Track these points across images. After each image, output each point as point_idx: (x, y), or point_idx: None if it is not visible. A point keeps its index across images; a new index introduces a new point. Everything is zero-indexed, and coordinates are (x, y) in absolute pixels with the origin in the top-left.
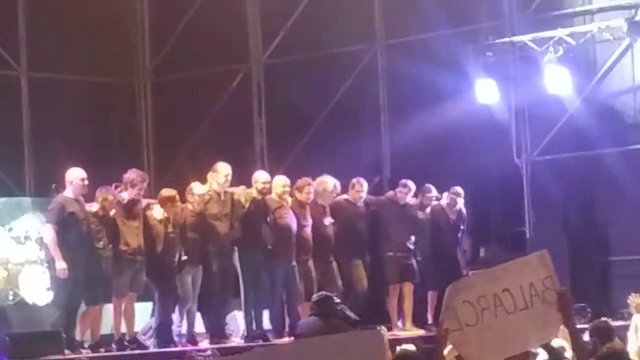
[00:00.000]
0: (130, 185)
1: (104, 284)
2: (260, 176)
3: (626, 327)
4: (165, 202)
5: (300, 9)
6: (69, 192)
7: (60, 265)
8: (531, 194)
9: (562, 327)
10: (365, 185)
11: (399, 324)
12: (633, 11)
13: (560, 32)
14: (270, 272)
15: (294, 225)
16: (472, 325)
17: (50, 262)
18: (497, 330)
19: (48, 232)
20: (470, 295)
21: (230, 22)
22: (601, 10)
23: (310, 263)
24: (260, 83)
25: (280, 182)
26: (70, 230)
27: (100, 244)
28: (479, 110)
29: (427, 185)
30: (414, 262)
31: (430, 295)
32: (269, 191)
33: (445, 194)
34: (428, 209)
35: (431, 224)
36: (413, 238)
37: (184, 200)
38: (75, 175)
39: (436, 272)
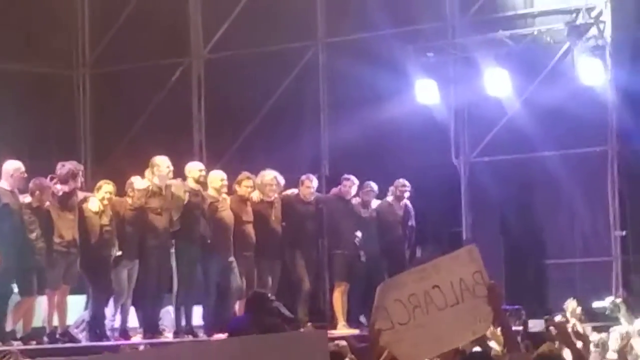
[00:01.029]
0: (66, 178)
1: (38, 275)
2: (194, 166)
3: None
4: (100, 193)
5: (242, 4)
6: (4, 184)
7: None
8: (469, 196)
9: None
10: (315, 182)
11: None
12: (573, 15)
13: (501, 35)
14: (205, 267)
15: (231, 220)
16: (404, 324)
17: None
18: (430, 327)
19: None
20: (401, 294)
21: (172, 16)
22: (542, 13)
23: (253, 259)
24: (200, 77)
25: (217, 176)
26: (4, 221)
27: (34, 235)
28: (418, 110)
29: (366, 182)
30: (358, 260)
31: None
32: (205, 181)
33: (391, 189)
34: (373, 206)
35: (378, 222)
36: (359, 235)
37: (122, 193)
38: (15, 168)
39: (384, 270)
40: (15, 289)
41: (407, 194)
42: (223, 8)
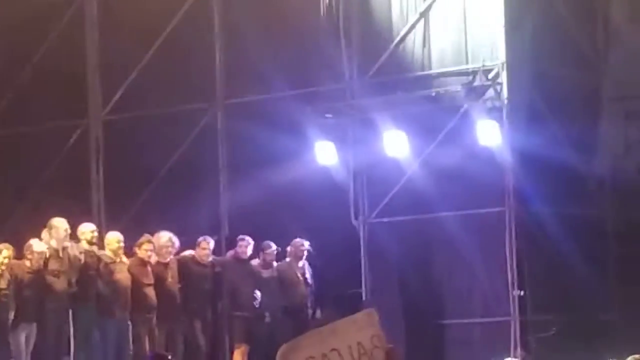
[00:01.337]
0: None
1: None
2: (85, 227)
3: None
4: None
5: (141, 65)
6: None
7: None
8: (368, 256)
9: None
10: (211, 244)
11: None
12: (471, 77)
13: (399, 96)
14: (102, 329)
15: (128, 282)
16: None
17: None
18: None
19: None
20: (298, 357)
21: (69, 78)
22: (440, 75)
23: (154, 321)
24: (98, 139)
25: (114, 237)
26: None
27: None
28: (318, 171)
29: (265, 241)
30: (260, 322)
31: None
32: (97, 241)
33: (289, 249)
34: (273, 265)
35: (279, 282)
36: (259, 296)
37: (21, 256)
38: None
39: (287, 331)
40: None
41: (305, 253)
42: (121, 69)
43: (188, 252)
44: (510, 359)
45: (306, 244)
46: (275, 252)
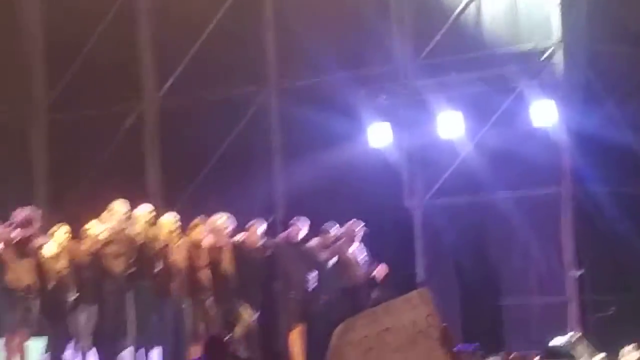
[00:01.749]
0: (23, 224)
1: None
2: (143, 209)
3: None
4: (55, 237)
5: (195, 49)
6: None
7: None
8: (423, 237)
9: None
10: (262, 227)
11: None
12: (526, 57)
13: (453, 77)
14: (160, 310)
15: (184, 263)
16: None
17: None
18: None
19: None
20: (354, 336)
21: (125, 62)
22: (495, 55)
23: (208, 303)
24: (154, 122)
25: (170, 219)
26: None
27: None
28: (372, 153)
29: (327, 223)
30: (315, 302)
31: None
32: (155, 223)
33: (343, 231)
34: (330, 247)
35: (334, 263)
36: (313, 277)
37: (79, 238)
38: None
39: (342, 312)
40: None
41: (359, 236)
42: (176, 53)
43: (240, 236)
44: (570, 335)
45: (360, 226)
46: (334, 234)
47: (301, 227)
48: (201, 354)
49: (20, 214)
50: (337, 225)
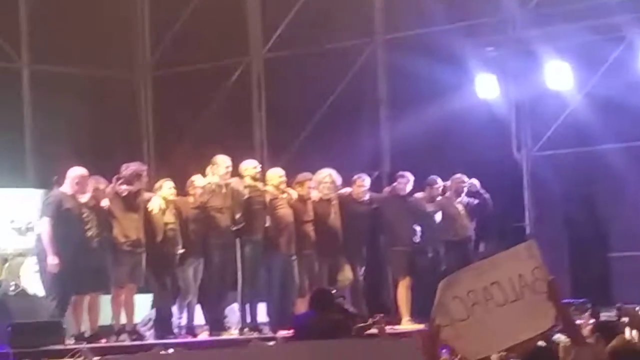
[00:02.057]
0: (131, 178)
1: (93, 274)
2: (248, 164)
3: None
4: (162, 192)
5: (301, 2)
6: (66, 188)
7: (52, 260)
8: (531, 190)
9: None
10: (367, 181)
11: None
12: (635, 5)
13: (561, 28)
14: (268, 264)
15: (291, 217)
16: (463, 320)
17: (41, 254)
18: (489, 324)
19: (43, 225)
20: (459, 290)
21: (231, 16)
22: (603, 5)
23: (314, 257)
24: (260, 76)
25: (276, 173)
26: (65, 224)
27: (90, 234)
28: (479, 105)
29: (432, 177)
30: (421, 255)
31: None
32: (260, 177)
33: (449, 184)
34: (436, 200)
35: (441, 216)
36: (419, 231)
37: (184, 193)
38: (80, 175)
39: (448, 265)
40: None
41: (465, 189)
42: (281, 6)
43: (345, 190)
44: None
45: (468, 179)
46: (440, 187)
47: (407, 181)
48: (308, 308)
49: (128, 169)
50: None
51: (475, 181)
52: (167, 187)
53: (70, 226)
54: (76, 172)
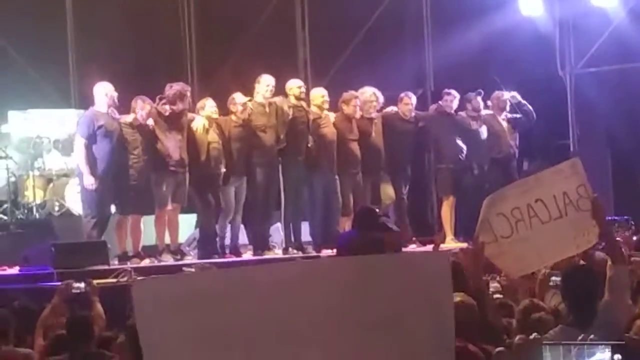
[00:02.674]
0: (174, 99)
1: (137, 195)
2: (293, 83)
3: None
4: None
5: None
6: (99, 106)
7: (88, 180)
8: (575, 107)
9: None
10: (413, 99)
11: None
12: None
13: None
14: (311, 183)
15: (334, 137)
16: (506, 237)
17: (80, 175)
18: (532, 241)
19: (77, 145)
20: (503, 208)
21: None
22: None
23: (359, 177)
24: None
25: (318, 92)
26: (101, 142)
27: (135, 154)
28: (522, 22)
29: (469, 94)
30: (467, 173)
31: None
32: (305, 97)
33: (490, 102)
34: (481, 117)
35: (486, 133)
36: (465, 148)
37: (227, 112)
38: (106, 89)
39: (494, 181)
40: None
41: (508, 105)
42: None
43: (390, 109)
44: None
45: (506, 94)
46: (480, 101)
47: (453, 98)
48: (352, 226)
49: (172, 89)
50: (483, 97)
51: (515, 93)
52: (209, 106)
53: (107, 142)
54: (102, 87)
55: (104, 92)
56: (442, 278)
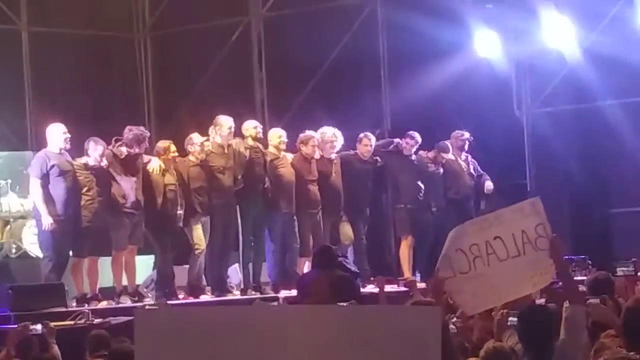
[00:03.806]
0: (132, 142)
1: (93, 236)
2: (249, 124)
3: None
4: (160, 153)
5: None
6: (51, 147)
7: (46, 219)
8: (532, 147)
9: None
10: (373, 140)
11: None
12: None
13: None
14: (269, 224)
15: (292, 177)
16: (464, 273)
17: (37, 216)
18: (489, 278)
19: (33, 186)
20: (463, 244)
21: None
22: None
23: (319, 217)
24: (260, 36)
25: (277, 133)
26: (55, 183)
27: (89, 195)
28: (479, 62)
29: (444, 143)
30: (426, 213)
31: None
32: (261, 137)
33: (450, 142)
34: (439, 160)
35: (444, 174)
36: (423, 188)
37: (184, 153)
38: (58, 130)
39: (451, 222)
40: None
41: (466, 144)
42: None
43: (349, 152)
44: None
45: (466, 134)
46: (442, 145)
47: (415, 143)
48: (312, 266)
49: (131, 132)
50: (439, 138)
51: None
52: (167, 148)
53: (61, 183)
54: (55, 128)
55: (56, 133)
56: (432, 332)
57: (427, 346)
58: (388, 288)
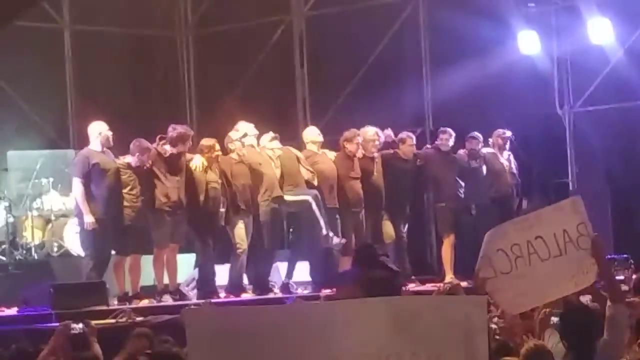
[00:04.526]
0: (176, 141)
1: (135, 235)
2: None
3: None
4: (204, 151)
5: None
6: (93, 145)
7: (88, 218)
8: (574, 145)
9: None
10: (414, 139)
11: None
12: None
13: None
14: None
15: (334, 174)
16: (506, 273)
17: (79, 215)
18: (531, 278)
19: (75, 186)
20: (503, 244)
21: None
22: None
23: (362, 215)
24: (301, 35)
25: (314, 131)
26: (97, 181)
27: (132, 194)
28: (521, 61)
29: (473, 132)
30: (466, 212)
31: None
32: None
33: (491, 140)
34: (480, 156)
35: (485, 171)
36: (464, 186)
37: (226, 152)
38: (99, 129)
39: (493, 220)
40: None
41: (508, 143)
42: None
43: (391, 151)
44: None
45: (508, 133)
46: (481, 143)
47: (449, 136)
48: (352, 264)
49: (175, 131)
50: (484, 136)
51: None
52: (210, 146)
53: (103, 182)
54: (96, 126)
55: (98, 132)
56: (479, 321)
57: (474, 335)
58: (430, 287)
